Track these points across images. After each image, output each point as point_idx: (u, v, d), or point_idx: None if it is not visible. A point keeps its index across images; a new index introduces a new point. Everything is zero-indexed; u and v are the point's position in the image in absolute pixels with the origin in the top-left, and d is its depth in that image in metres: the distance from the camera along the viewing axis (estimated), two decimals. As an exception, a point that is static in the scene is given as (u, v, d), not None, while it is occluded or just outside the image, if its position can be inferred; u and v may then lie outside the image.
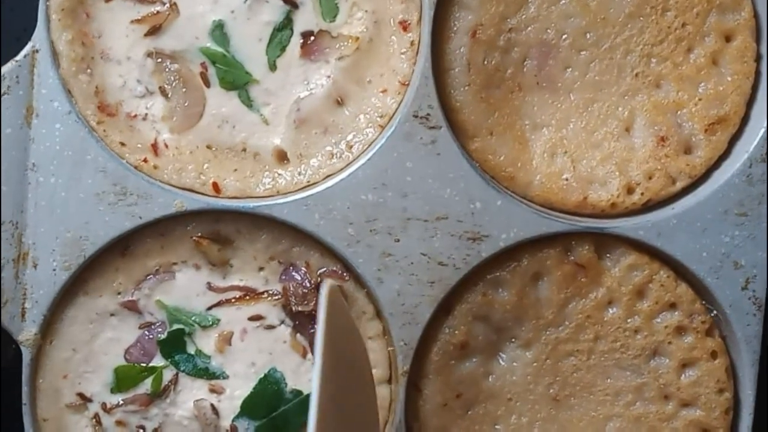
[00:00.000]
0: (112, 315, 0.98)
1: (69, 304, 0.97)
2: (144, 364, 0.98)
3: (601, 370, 1.01)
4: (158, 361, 0.98)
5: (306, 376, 0.99)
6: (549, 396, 1.01)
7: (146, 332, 0.98)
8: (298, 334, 0.98)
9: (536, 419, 1.01)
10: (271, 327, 0.98)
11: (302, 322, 0.98)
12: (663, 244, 0.99)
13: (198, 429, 0.98)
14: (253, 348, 0.98)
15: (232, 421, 0.98)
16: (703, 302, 1.00)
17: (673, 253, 0.99)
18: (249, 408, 0.99)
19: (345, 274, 0.97)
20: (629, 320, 1.00)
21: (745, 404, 1.01)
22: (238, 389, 0.99)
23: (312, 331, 0.98)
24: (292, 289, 0.97)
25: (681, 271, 1.00)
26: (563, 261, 0.99)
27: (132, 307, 0.98)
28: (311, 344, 0.98)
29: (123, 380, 0.98)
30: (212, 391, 0.99)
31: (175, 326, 0.98)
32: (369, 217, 0.96)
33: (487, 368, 1.01)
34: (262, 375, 0.98)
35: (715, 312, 1.00)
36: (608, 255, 1.00)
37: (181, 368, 0.98)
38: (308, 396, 0.97)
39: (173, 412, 0.98)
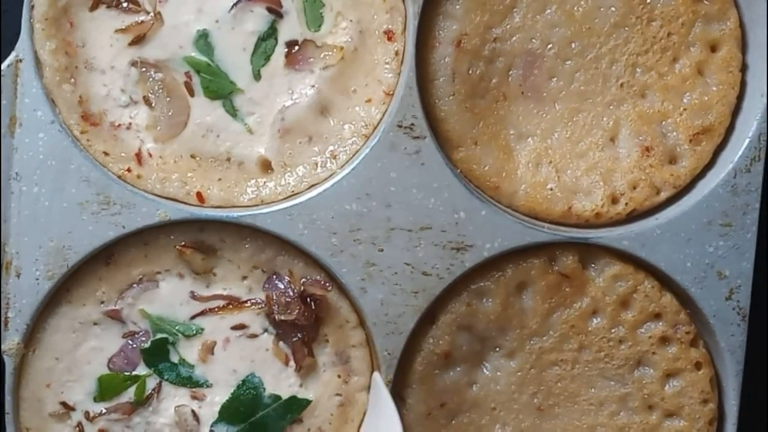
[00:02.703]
0: (95, 324, 0.97)
1: (52, 314, 0.97)
2: (127, 373, 0.98)
3: (585, 380, 1.01)
4: (141, 369, 0.98)
5: (286, 382, 0.99)
6: (533, 405, 1.01)
7: (129, 341, 0.98)
8: (281, 342, 0.98)
9: (520, 428, 1.01)
10: (253, 336, 0.98)
11: (285, 330, 0.98)
12: (647, 255, 0.99)
13: (179, 436, 0.99)
14: (236, 356, 0.98)
15: (211, 426, 0.98)
16: (687, 312, 1.01)
17: (657, 263, 0.99)
18: (227, 413, 0.99)
19: (328, 283, 0.97)
20: (613, 330, 1.00)
21: (729, 415, 1.01)
22: (218, 396, 0.99)
23: (295, 339, 0.98)
24: (275, 297, 0.97)
25: (665, 282, 1.00)
26: (547, 271, 0.99)
27: (115, 316, 0.97)
28: (294, 352, 0.98)
29: (106, 389, 0.98)
30: (193, 397, 0.99)
31: (159, 335, 0.98)
32: (353, 227, 0.96)
33: (471, 378, 1.01)
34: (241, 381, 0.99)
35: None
36: (593, 265, 1.00)
37: (165, 377, 0.98)
38: (286, 401, 0.98)
39: (155, 420, 0.98)
